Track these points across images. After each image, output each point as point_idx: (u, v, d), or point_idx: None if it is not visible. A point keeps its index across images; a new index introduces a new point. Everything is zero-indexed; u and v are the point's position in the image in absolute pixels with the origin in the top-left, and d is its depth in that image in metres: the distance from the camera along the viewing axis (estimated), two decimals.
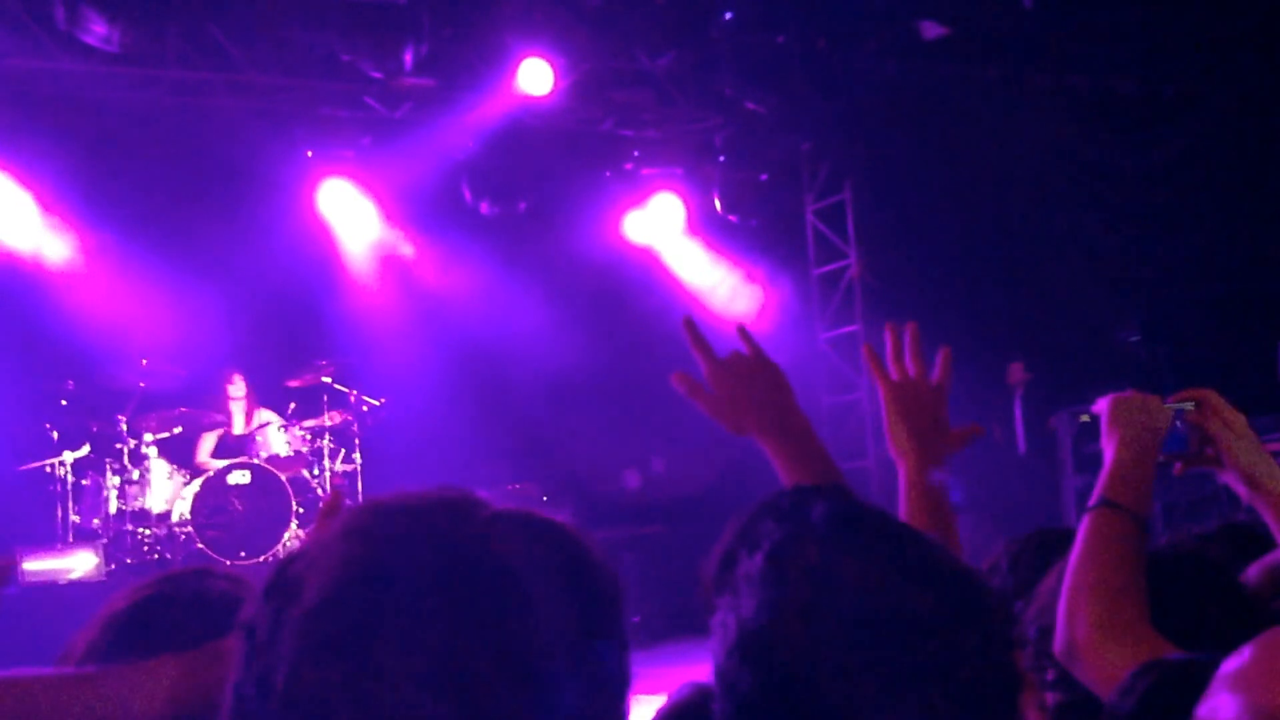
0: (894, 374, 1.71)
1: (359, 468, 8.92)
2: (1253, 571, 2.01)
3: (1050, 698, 1.79)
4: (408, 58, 7.91)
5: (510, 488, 9.23)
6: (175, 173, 8.89)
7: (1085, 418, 8.74)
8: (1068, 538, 2.12)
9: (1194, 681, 1.31)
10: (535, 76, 8.49)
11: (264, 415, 8.93)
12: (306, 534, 1.06)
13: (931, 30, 8.84)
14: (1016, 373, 10.11)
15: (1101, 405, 1.86)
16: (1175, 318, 9.89)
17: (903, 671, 0.99)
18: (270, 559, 8.18)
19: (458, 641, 0.84)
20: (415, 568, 0.87)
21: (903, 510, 1.63)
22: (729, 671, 1.05)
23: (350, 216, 9.77)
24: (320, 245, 9.78)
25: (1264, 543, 2.04)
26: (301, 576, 0.90)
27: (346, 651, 0.85)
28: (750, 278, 11.05)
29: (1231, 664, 1.08)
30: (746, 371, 1.73)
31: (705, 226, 10.80)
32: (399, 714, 0.83)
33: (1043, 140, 9.93)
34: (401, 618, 0.85)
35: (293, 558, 0.93)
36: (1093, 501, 1.77)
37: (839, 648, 1.00)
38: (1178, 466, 1.91)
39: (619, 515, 9.75)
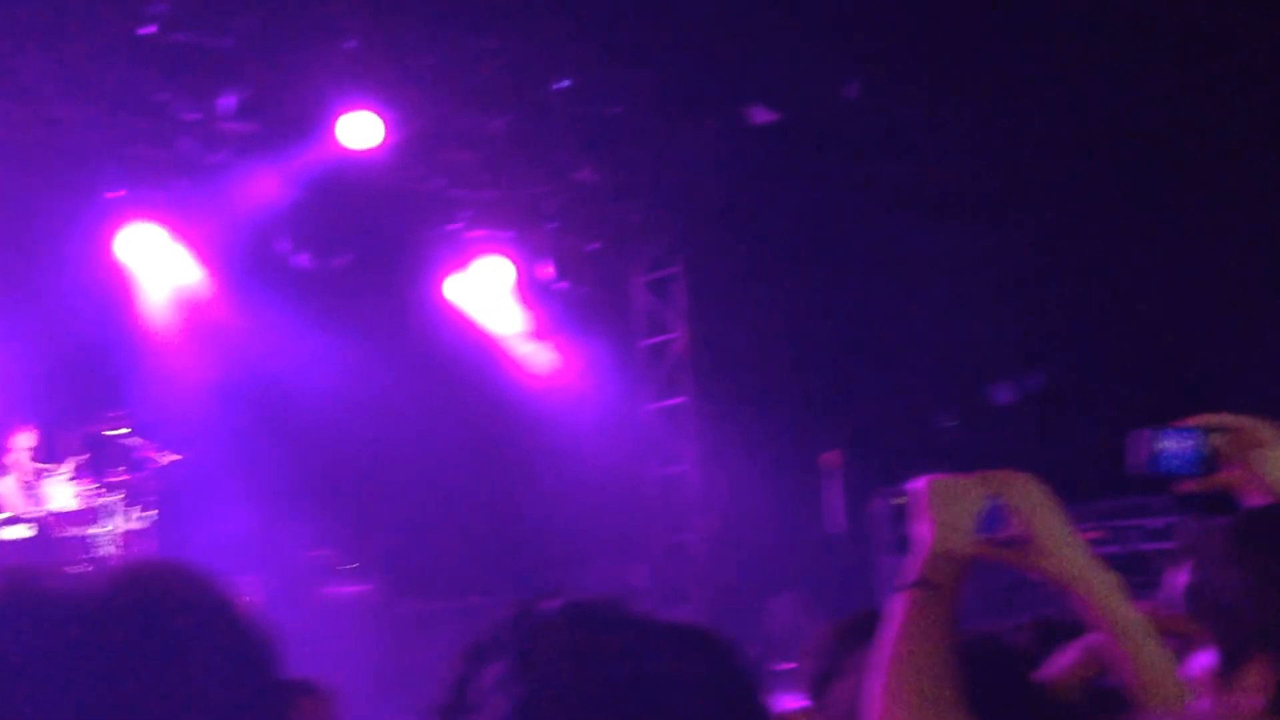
0: None
1: (152, 525, 8.51)
2: (1056, 663, 1.99)
3: None
4: (228, 102, 7.74)
5: (311, 553, 8.92)
6: None
7: (900, 500, 8.87)
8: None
9: None
10: (362, 131, 8.35)
11: (48, 469, 8.47)
12: None
13: (761, 115, 9.01)
14: (831, 461, 10.28)
15: (916, 486, 1.82)
16: (994, 405, 10.20)
17: None
18: None
19: (106, 693, 0.88)
20: (52, 626, 0.90)
21: None
22: None
23: (157, 262, 9.35)
24: (123, 291, 9.37)
25: (1073, 633, 2.02)
26: None
27: None
28: (577, 346, 11.00)
29: None
30: None
31: (533, 292, 10.73)
32: None
33: (866, 228, 10.20)
34: (42, 674, 0.87)
35: None
36: (905, 580, 1.73)
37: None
38: (988, 553, 1.85)
39: (435, 586, 9.51)
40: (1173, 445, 1.86)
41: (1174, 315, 9.60)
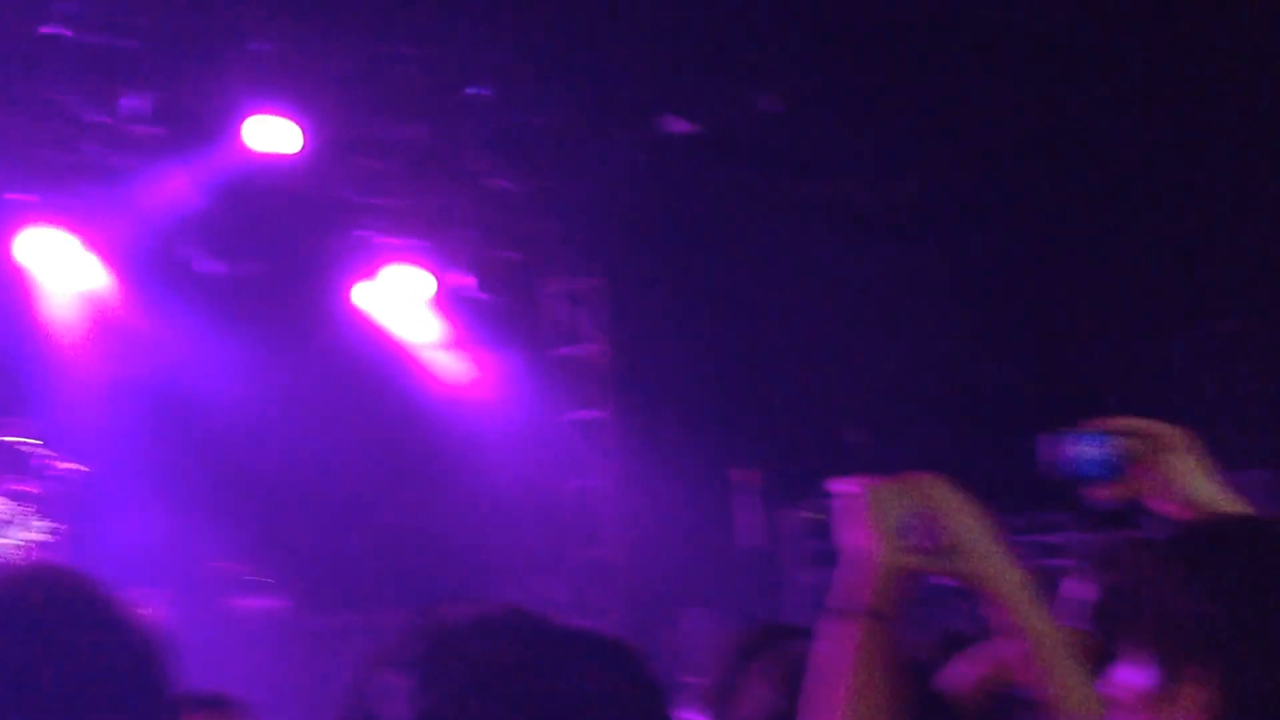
0: None
1: (55, 536, 8.25)
2: (960, 672, 1.99)
3: None
4: (133, 104, 7.57)
5: (219, 565, 8.74)
6: None
7: (821, 516, 8.96)
8: (790, 632, 2.07)
9: None
10: (274, 135, 8.22)
11: None
12: None
13: (677, 126, 9.06)
14: (747, 478, 10.35)
15: (840, 488, 1.78)
16: (905, 419, 10.34)
17: None
18: None
19: None
20: None
21: None
22: None
23: (59, 267, 9.08)
24: (21, 296, 9.08)
25: (971, 645, 2.03)
26: None
27: None
28: (492, 356, 10.93)
29: None
30: None
31: (449, 301, 10.63)
32: None
33: (782, 242, 10.29)
34: None
35: None
36: (834, 604, 1.67)
37: None
38: (923, 565, 1.83)
39: (346, 599, 9.39)
40: (1082, 449, 1.86)
41: (1086, 333, 9.82)
